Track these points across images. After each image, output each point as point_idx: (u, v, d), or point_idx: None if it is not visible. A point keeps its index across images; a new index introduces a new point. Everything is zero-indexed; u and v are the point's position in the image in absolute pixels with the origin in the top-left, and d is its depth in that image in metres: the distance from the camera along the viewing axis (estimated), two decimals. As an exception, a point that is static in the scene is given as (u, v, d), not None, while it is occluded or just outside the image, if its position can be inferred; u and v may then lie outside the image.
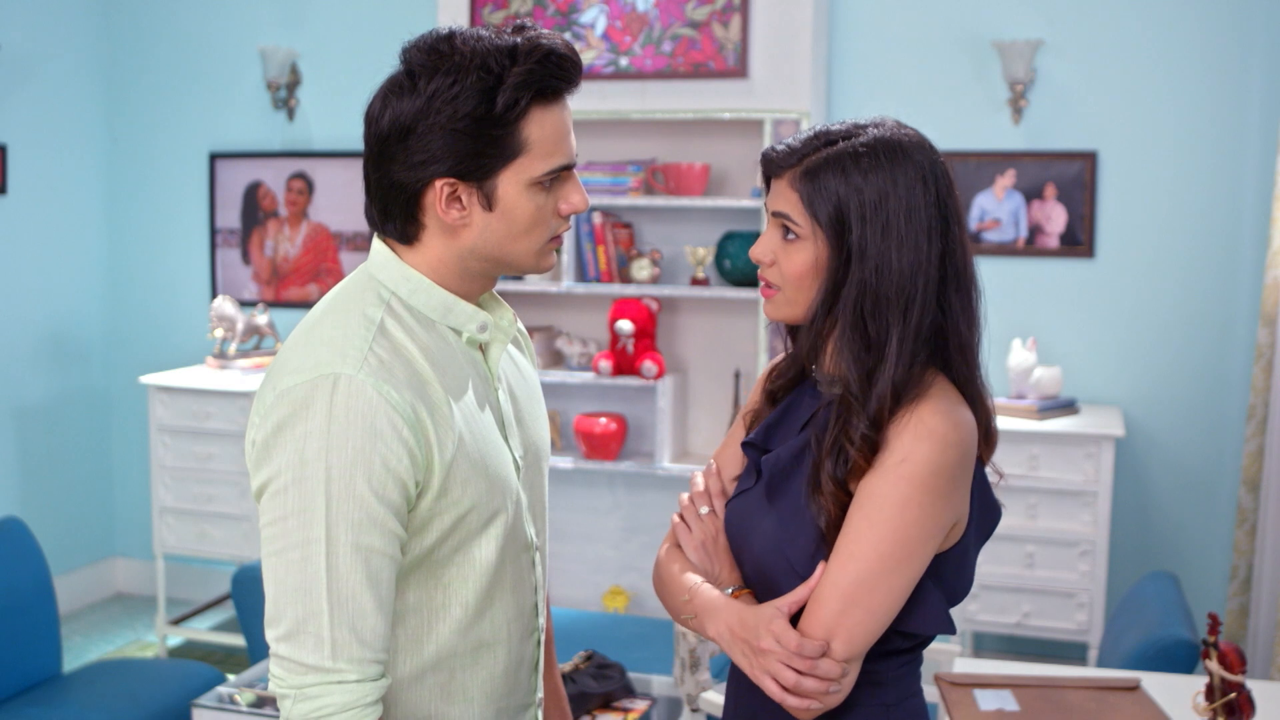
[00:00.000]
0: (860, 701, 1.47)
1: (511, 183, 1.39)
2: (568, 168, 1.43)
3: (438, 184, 1.39)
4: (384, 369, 1.35)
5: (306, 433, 1.32)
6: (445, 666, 1.45)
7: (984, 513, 1.50)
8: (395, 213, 1.43)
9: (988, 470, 1.53)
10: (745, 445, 1.60)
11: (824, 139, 1.47)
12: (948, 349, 1.47)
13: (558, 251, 4.47)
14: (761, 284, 1.53)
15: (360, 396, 1.32)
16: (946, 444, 1.39)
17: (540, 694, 1.63)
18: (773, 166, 1.50)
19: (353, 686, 1.31)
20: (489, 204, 1.40)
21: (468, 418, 1.42)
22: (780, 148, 1.50)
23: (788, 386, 1.60)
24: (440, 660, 1.45)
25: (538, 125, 1.38)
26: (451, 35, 1.39)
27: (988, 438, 1.52)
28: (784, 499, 1.48)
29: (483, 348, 1.51)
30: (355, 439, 1.31)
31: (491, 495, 1.43)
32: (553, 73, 1.38)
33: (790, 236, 1.48)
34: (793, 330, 1.60)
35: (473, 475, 1.40)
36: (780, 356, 1.62)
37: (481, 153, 1.37)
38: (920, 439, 1.39)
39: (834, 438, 1.43)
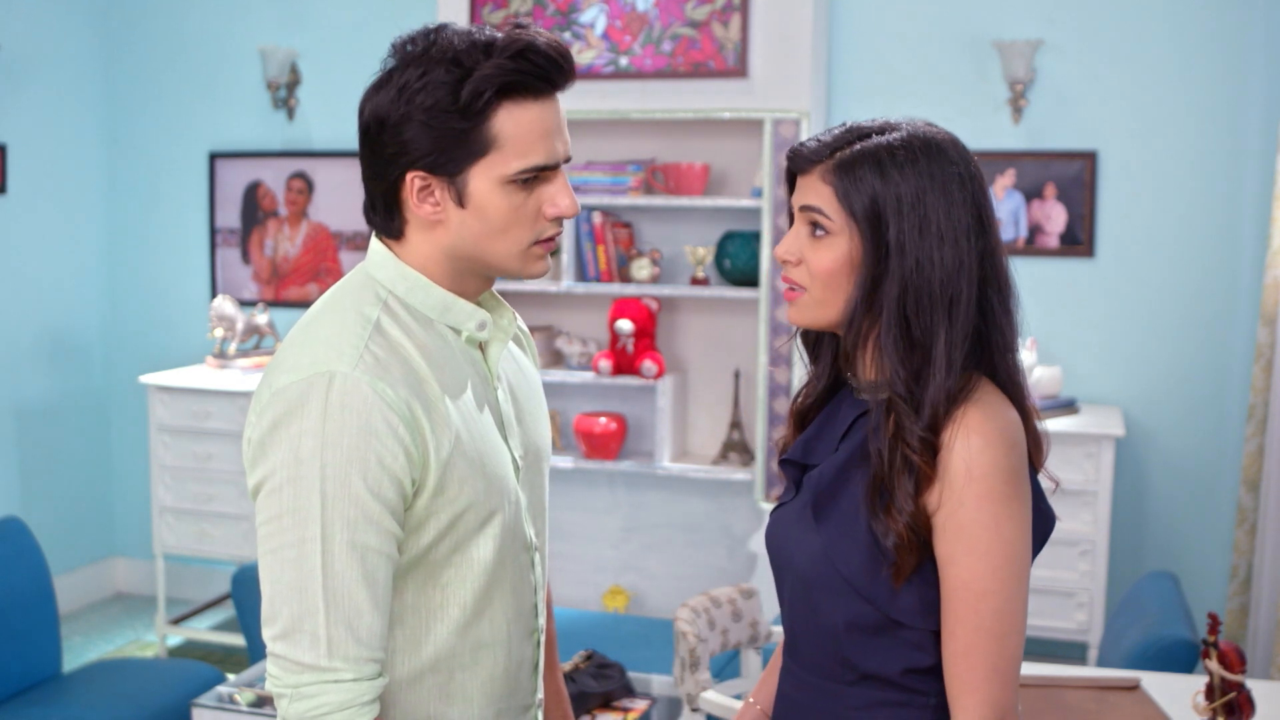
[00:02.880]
0: None
1: (483, 179, 1.38)
2: (547, 168, 1.39)
3: (409, 177, 1.39)
4: (379, 366, 1.34)
5: (302, 430, 1.31)
6: (444, 667, 1.44)
7: (1038, 521, 1.46)
8: (379, 206, 1.44)
9: (1041, 478, 1.49)
10: (783, 462, 1.56)
11: (857, 133, 1.43)
12: (992, 352, 1.43)
13: (557, 255, 4.51)
14: (785, 286, 1.48)
15: (355, 394, 1.32)
16: (1005, 444, 1.37)
17: (540, 695, 1.61)
18: (800, 161, 1.45)
19: (349, 685, 1.31)
20: (461, 200, 1.39)
21: (466, 417, 1.41)
22: (810, 143, 1.45)
23: (818, 405, 1.56)
24: (439, 661, 1.44)
25: (510, 121, 1.36)
26: (438, 29, 1.39)
27: (1038, 446, 1.49)
28: (832, 515, 1.44)
29: (482, 346, 1.51)
30: (350, 436, 1.31)
31: (489, 495, 1.42)
32: (525, 69, 1.35)
33: (819, 233, 1.43)
34: (811, 349, 1.56)
35: (470, 474, 1.40)
36: (806, 383, 1.58)
37: (448, 147, 1.36)
38: (980, 450, 1.35)
39: (897, 452, 1.38)
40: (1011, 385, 1.44)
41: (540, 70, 1.36)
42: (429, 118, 1.35)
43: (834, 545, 1.43)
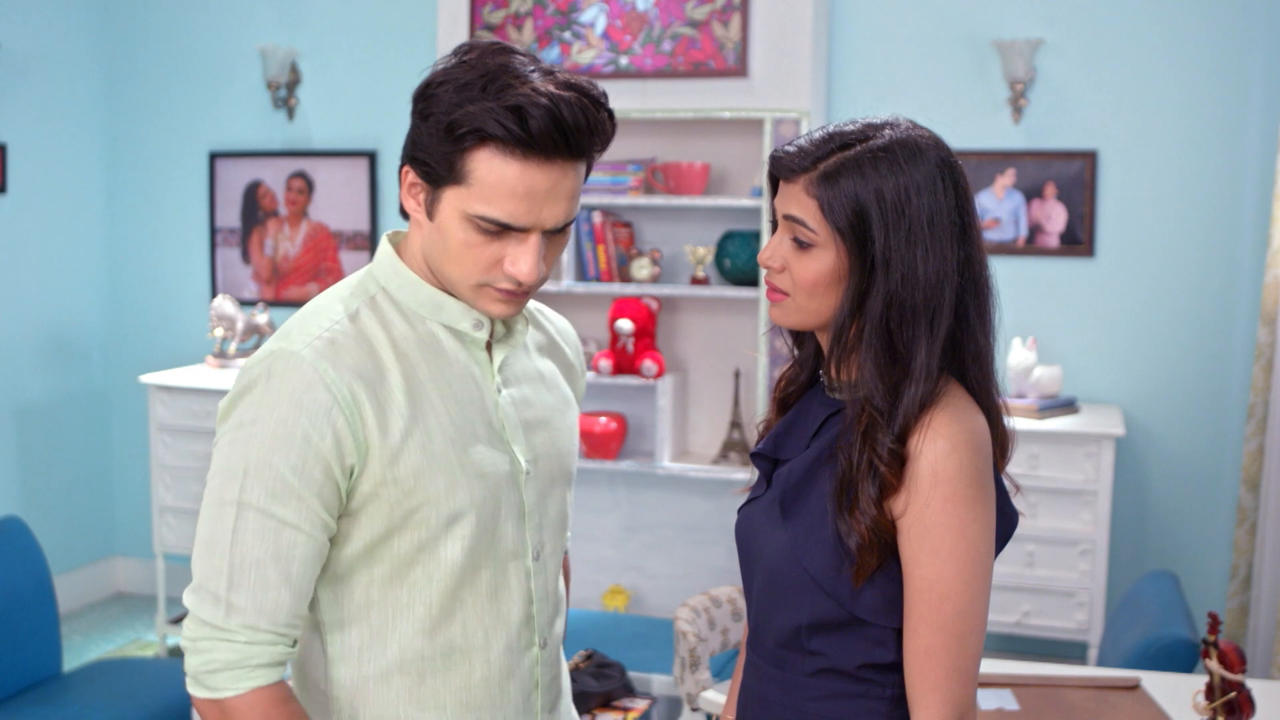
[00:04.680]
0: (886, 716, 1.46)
1: (451, 204, 1.39)
2: (509, 228, 1.37)
3: (405, 169, 1.43)
4: (331, 349, 1.38)
5: (250, 401, 1.38)
6: (413, 669, 1.45)
7: (1000, 521, 1.48)
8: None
9: (1004, 481, 1.51)
10: (754, 456, 1.57)
11: (838, 141, 1.42)
12: (963, 357, 1.44)
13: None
14: (768, 288, 1.48)
15: (295, 371, 1.36)
16: (970, 448, 1.38)
17: (556, 716, 1.59)
18: (783, 168, 1.44)
19: (240, 646, 1.35)
20: (431, 212, 1.41)
21: (438, 413, 1.42)
22: (791, 148, 1.44)
23: (799, 393, 1.57)
24: (406, 662, 1.44)
25: (484, 166, 1.35)
26: (502, 49, 1.39)
27: (1003, 449, 1.50)
28: (800, 513, 1.45)
29: (490, 350, 1.50)
30: (281, 410, 1.35)
31: (453, 493, 1.42)
32: (509, 124, 1.32)
33: (804, 244, 1.43)
34: (797, 336, 1.56)
35: (428, 468, 1.40)
36: (788, 365, 1.59)
37: (434, 162, 1.38)
38: (946, 453, 1.37)
39: (865, 457, 1.39)
40: (982, 391, 1.45)
41: (524, 136, 1.33)
42: (430, 128, 1.37)
43: (801, 542, 1.44)
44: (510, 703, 1.50)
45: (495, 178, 1.35)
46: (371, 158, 4.95)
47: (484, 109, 1.33)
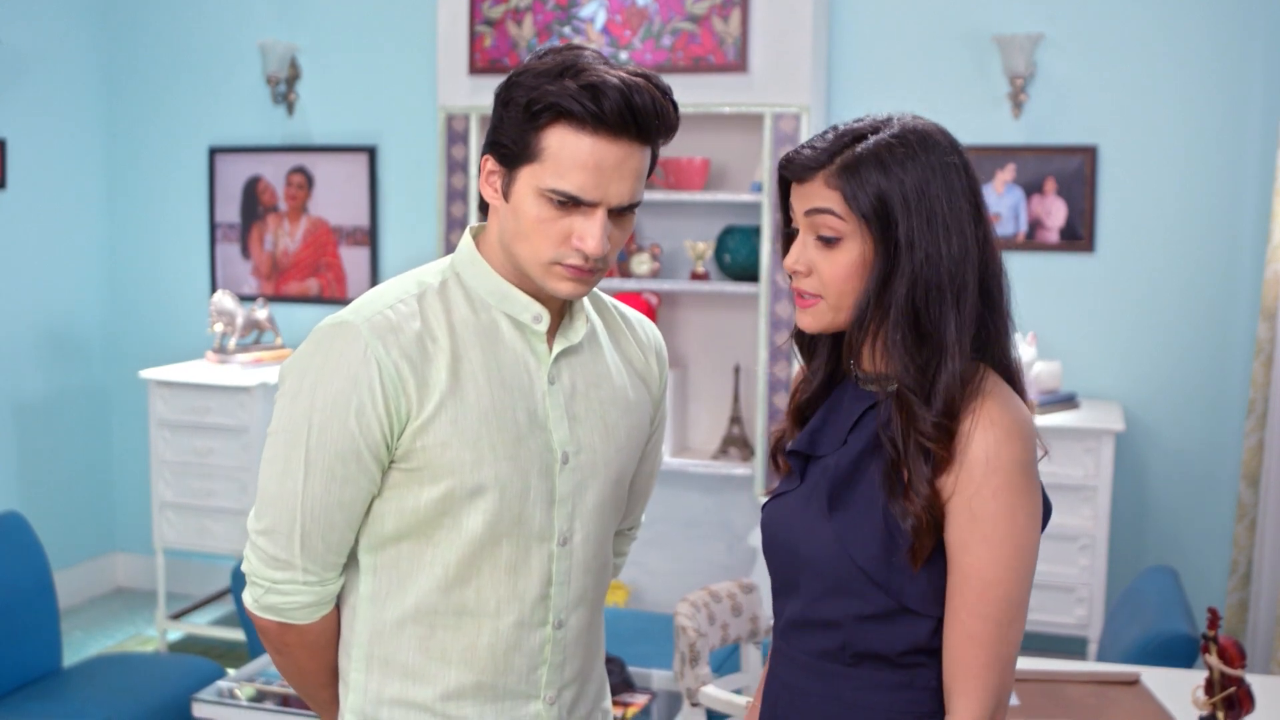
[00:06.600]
0: (915, 711, 1.46)
1: (525, 182, 1.48)
2: (580, 201, 1.47)
3: (485, 158, 1.54)
4: (388, 325, 1.49)
5: (310, 366, 1.51)
6: (426, 621, 1.55)
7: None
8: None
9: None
10: (790, 453, 1.57)
11: (851, 135, 1.45)
12: (987, 337, 1.46)
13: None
14: (795, 295, 1.50)
15: (353, 345, 1.48)
16: (1024, 437, 1.40)
17: (575, 699, 1.64)
18: (796, 168, 1.47)
19: (315, 589, 1.55)
20: (507, 194, 1.51)
21: (480, 392, 1.51)
22: (805, 150, 1.47)
23: (815, 399, 1.58)
24: (420, 613, 1.55)
25: (558, 141, 1.45)
26: (578, 49, 1.50)
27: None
28: (848, 505, 1.46)
29: (551, 343, 1.58)
30: (339, 382, 1.48)
31: (478, 468, 1.51)
32: (583, 100, 1.43)
33: (830, 238, 1.44)
34: (808, 349, 1.56)
35: (455, 441, 1.50)
36: (798, 379, 1.60)
37: (511, 143, 1.48)
38: (1001, 442, 1.38)
39: (911, 440, 1.40)
40: (1012, 373, 1.48)
41: (598, 112, 1.44)
42: (511, 111, 1.48)
43: (848, 534, 1.45)
44: (513, 672, 1.58)
45: (568, 152, 1.45)
46: (371, 153, 4.95)
47: (562, 88, 1.44)
